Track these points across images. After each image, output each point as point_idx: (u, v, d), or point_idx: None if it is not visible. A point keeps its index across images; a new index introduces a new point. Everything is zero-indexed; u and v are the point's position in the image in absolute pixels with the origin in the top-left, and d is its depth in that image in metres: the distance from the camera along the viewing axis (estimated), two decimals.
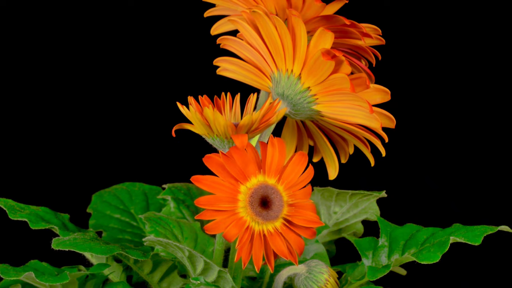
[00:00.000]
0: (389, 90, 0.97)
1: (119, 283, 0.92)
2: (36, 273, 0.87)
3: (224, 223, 0.85)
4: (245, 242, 0.86)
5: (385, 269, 0.97)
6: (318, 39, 0.93)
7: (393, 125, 0.98)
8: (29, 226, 0.93)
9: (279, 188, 0.89)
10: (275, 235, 0.88)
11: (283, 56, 0.95)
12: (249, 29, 0.95)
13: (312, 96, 0.95)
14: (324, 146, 1.01)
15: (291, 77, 0.95)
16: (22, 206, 0.97)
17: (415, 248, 1.00)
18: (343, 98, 0.93)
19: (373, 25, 1.01)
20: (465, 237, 0.96)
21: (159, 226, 0.94)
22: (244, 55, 0.97)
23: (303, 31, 0.93)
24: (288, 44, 0.94)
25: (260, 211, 0.88)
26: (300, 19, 0.92)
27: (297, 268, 0.97)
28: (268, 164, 0.89)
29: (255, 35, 0.95)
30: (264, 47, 0.96)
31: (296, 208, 0.90)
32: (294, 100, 0.96)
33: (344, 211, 1.11)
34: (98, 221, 1.11)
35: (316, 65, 0.93)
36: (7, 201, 0.96)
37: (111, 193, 1.15)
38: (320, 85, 0.94)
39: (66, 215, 1.01)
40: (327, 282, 0.97)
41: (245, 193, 0.87)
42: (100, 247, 0.87)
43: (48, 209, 1.00)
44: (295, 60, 0.95)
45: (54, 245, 0.87)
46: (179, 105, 0.90)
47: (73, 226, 1.00)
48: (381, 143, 0.97)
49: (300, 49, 0.94)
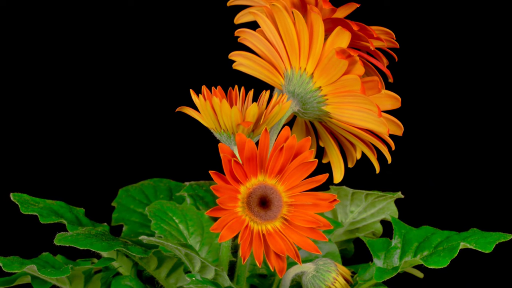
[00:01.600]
0: (399, 97, 0.96)
1: (126, 277, 0.94)
2: (38, 266, 0.89)
3: (224, 222, 0.86)
4: (245, 241, 0.86)
5: (393, 271, 0.96)
6: (335, 38, 0.92)
7: (400, 132, 0.97)
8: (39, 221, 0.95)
9: (279, 189, 0.89)
10: (274, 234, 0.88)
11: (298, 53, 0.95)
12: (268, 23, 0.95)
13: (323, 96, 0.95)
14: (331, 149, 1.01)
15: (303, 75, 0.95)
16: (37, 200, 0.99)
17: (428, 251, 0.99)
18: (353, 100, 0.93)
19: (385, 28, 1.00)
20: (477, 244, 0.95)
21: (164, 222, 0.96)
22: (260, 50, 0.97)
23: (321, 28, 0.92)
24: (305, 41, 0.94)
25: (259, 211, 0.88)
26: (319, 16, 0.91)
27: (304, 266, 0.97)
28: (271, 164, 0.89)
29: (273, 30, 0.95)
30: (281, 43, 0.95)
31: (297, 209, 0.90)
32: (304, 98, 0.96)
33: (360, 210, 1.10)
34: (120, 214, 1.14)
35: (330, 64, 0.92)
36: (22, 195, 0.98)
37: (137, 188, 1.17)
38: (332, 86, 0.94)
39: (81, 209, 1.02)
40: (334, 281, 0.96)
41: (244, 192, 0.88)
42: (101, 243, 0.88)
43: (64, 203, 1.01)
44: (310, 58, 0.94)
45: (56, 241, 0.88)
46: (192, 93, 0.91)
47: (87, 220, 1.01)
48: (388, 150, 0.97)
49: (316, 47, 0.94)
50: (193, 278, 0.85)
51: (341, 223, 1.11)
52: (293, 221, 0.90)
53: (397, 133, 0.97)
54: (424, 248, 1.00)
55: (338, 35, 0.92)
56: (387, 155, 0.97)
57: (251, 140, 0.88)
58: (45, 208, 0.97)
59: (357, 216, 1.11)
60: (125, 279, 0.93)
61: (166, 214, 0.98)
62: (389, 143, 0.96)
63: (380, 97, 0.96)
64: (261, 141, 0.89)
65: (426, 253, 0.99)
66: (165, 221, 0.97)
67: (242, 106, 0.94)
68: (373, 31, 0.96)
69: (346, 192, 1.09)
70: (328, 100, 0.95)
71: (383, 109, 0.96)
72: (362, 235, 1.12)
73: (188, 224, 0.98)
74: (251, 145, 0.88)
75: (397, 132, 0.97)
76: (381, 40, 0.98)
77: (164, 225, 0.96)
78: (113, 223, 1.13)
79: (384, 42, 0.98)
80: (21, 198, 0.97)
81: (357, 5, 0.97)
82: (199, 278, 0.86)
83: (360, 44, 0.98)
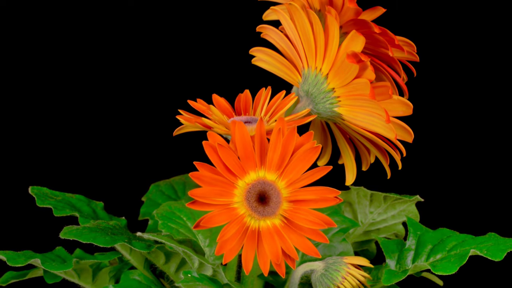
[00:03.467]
0: (411, 105, 0.96)
1: (135, 271, 0.95)
2: (43, 260, 0.92)
3: (219, 217, 0.85)
4: (234, 236, 0.85)
5: (402, 274, 0.95)
6: (349, 41, 0.93)
7: (410, 139, 0.97)
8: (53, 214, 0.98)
9: (279, 184, 0.88)
10: (270, 233, 0.87)
11: (315, 53, 0.95)
12: (289, 22, 0.96)
13: (335, 98, 0.95)
14: (344, 150, 1.01)
15: (318, 75, 0.95)
16: (57, 193, 1.02)
17: (441, 254, 0.98)
18: (364, 104, 0.93)
19: (408, 40, 1.00)
20: (488, 251, 0.93)
21: (171, 221, 0.97)
22: (281, 47, 0.98)
23: (336, 31, 0.93)
24: (321, 42, 0.94)
25: (257, 207, 0.87)
26: (334, 19, 0.92)
27: (314, 264, 0.96)
28: (269, 158, 0.88)
29: (293, 28, 0.96)
30: (299, 42, 0.96)
31: (298, 207, 0.89)
32: (317, 99, 0.96)
33: (380, 211, 1.10)
34: (148, 209, 1.16)
35: (342, 67, 0.93)
36: (41, 189, 1.01)
37: (168, 184, 1.18)
38: (344, 88, 0.94)
39: (100, 203, 1.05)
40: (343, 280, 0.95)
41: (243, 187, 0.87)
42: (104, 238, 0.90)
43: (83, 197, 1.04)
44: (325, 59, 0.95)
45: (62, 234, 0.90)
46: (179, 118, 0.91)
47: (105, 213, 1.03)
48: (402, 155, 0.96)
49: (331, 49, 0.94)
50: (188, 275, 0.86)
51: (361, 223, 1.10)
52: (293, 219, 0.88)
53: (407, 140, 0.97)
54: (437, 251, 0.98)
55: (353, 39, 0.93)
56: (398, 161, 0.97)
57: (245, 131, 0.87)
58: (62, 201, 1.00)
59: (377, 217, 1.10)
60: (134, 273, 0.95)
61: (173, 214, 0.99)
62: (400, 149, 0.96)
63: (392, 103, 0.96)
64: (257, 133, 0.88)
65: (439, 256, 0.98)
66: (173, 220, 0.97)
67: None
68: (395, 38, 0.96)
69: (365, 193, 1.09)
70: (340, 102, 0.95)
71: (395, 115, 0.96)
72: (383, 236, 1.11)
73: (196, 220, 0.99)
74: (248, 138, 0.87)
75: (407, 139, 0.97)
76: (402, 50, 0.97)
77: (171, 223, 0.97)
78: (140, 218, 1.15)
79: (405, 52, 0.98)
80: (40, 191, 1.00)
81: (383, 9, 0.97)
82: (196, 275, 0.86)
83: (381, 51, 0.98)
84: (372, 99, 0.92)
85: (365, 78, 0.93)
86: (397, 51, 0.98)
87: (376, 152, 0.99)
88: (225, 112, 0.95)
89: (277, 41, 0.99)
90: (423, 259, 0.99)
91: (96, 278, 0.98)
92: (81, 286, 0.98)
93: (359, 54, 0.92)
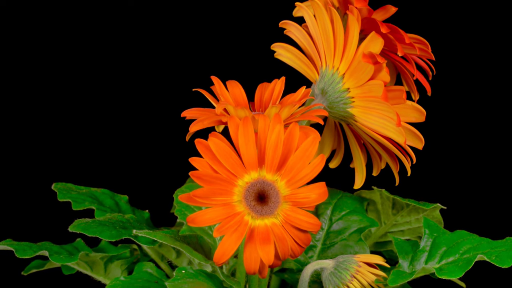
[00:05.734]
0: (425, 112, 0.96)
1: (148, 263, 0.97)
2: (50, 252, 0.94)
3: (216, 215, 0.86)
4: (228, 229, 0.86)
5: (408, 275, 0.94)
6: (368, 42, 0.93)
7: (421, 146, 0.96)
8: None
9: (278, 184, 0.88)
10: (266, 232, 0.87)
11: (333, 51, 0.96)
12: (312, 18, 0.97)
13: (350, 98, 0.95)
14: (355, 153, 1.01)
15: (335, 74, 0.96)
16: (82, 187, 1.06)
17: (454, 257, 0.96)
18: (377, 106, 0.94)
19: (420, 37, 0.99)
20: (498, 257, 0.91)
21: (188, 209, 0.98)
22: (302, 44, 1.00)
23: (356, 31, 0.94)
24: (340, 42, 0.95)
25: (255, 206, 0.88)
26: (356, 20, 0.92)
27: (324, 262, 0.96)
28: (269, 156, 0.88)
29: (315, 26, 0.97)
30: (320, 40, 0.97)
31: (294, 207, 0.89)
32: (331, 97, 0.97)
33: (404, 214, 1.08)
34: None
35: (358, 67, 0.93)
36: (66, 184, 1.04)
37: None
38: (359, 89, 0.95)
39: (124, 197, 1.07)
40: (352, 279, 0.95)
41: (242, 186, 0.87)
42: (110, 232, 0.92)
43: (107, 190, 1.06)
44: (343, 59, 0.96)
45: (71, 227, 0.93)
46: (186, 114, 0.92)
47: (127, 207, 1.05)
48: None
49: (350, 49, 0.95)
50: (182, 271, 0.86)
51: (383, 223, 1.10)
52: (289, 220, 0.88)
53: (417, 146, 0.96)
54: (450, 254, 0.97)
55: (372, 40, 0.93)
56: (408, 168, 0.97)
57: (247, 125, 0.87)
58: (85, 194, 1.03)
59: (400, 219, 1.09)
60: (146, 266, 0.97)
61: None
62: (410, 155, 0.95)
63: (406, 108, 0.96)
64: (260, 129, 0.88)
65: (452, 259, 0.96)
66: (190, 208, 0.99)
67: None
68: (406, 36, 0.95)
69: (388, 195, 1.08)
70: (354, 103, 0.95)
71: (407, 121, 0.96)
72: (406, 238, 1.10)
73: None
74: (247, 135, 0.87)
75: (417, 145, 0.96)
76: (414, 48, 0.96)
77: (188, 212, 0.98)
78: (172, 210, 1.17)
79: (417, 51, 0.96)
80: (64, 186, 1.04)
81: (394, 8, 0.97)
82: (191, 271, 0.87)
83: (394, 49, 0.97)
84: (385, 102, 0.92)
85: (379, 79, 0.92)
86: (409, 49, 0.97)
87: (386, 157, 0.99)
88: (239, 101, 0.95)
89: (298, 38, 1.00)
90: (436, 261, 0.97)
91: (108, 271, 1.01)
92: (94, 278, 1.02)
93: (376, 55, 0.92)
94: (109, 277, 1.01)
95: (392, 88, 0.95)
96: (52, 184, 1.04)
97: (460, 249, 0.96)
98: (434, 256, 0.97)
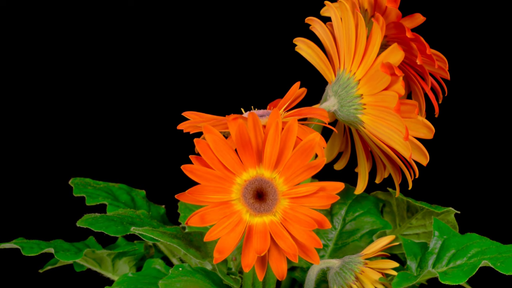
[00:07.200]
0: (434, 129, 0.96)
1: (157, 260, 0.98)
2: (56, 250, 0.96)
3: (216, 214, 0.87)
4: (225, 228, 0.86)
5: (413, 278, 0.93)
6: (389, 53, 0.94)
7: (425, 162, 0.96)
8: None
9: (277, 182, 0.88)
10: (264, 229, 0.87)
11: (353, 56, 0.96)
12: (338, 19, 0.97)
13: (361, 105, 0.96)
14: (361, 159, 1.01)
15: (351, 79, 0.96)
16: (100, 182, 1.07)
17: (461, 261, 0.95)
18: (387, 117, 0.94)
19: (441, 55, 0.98)
20: (502, 263, 0.90)
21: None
22: (325, 42, 1.00)
23: (378, 39, 0.94)
24: (361, 47, 0.95)
25: (253, 203, 0.88)
26: (380, 28, 0.92)
27: (330, 262, 0.97)
28: (267, 154, 0.88)
29: (340, 27, 0.97)
30: (343, 42, 0.97)
31: (295, 206, 0.88)
32: (343, 101, 0.97)
33: (418, 217, 1.07)
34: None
35: (375, 75, 0.93)
36: (83, 179, 1.06)
37: None
38: (373, 97, 0.95)
39: (142, 192, 1.08)
40: (356, 280, 0.94)
41: (240, 184, 0.88)
42: (116, 227, 0.93)
43: (125, 185, 1.07)
44: (361, 65, 0.96)
45: (78, 222, 0.94)
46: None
47: (143, 202, 1.06)
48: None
49: (370, 56, 0.95)
50: (179, 269, 0.87)
51: (398, 226, 1.08)
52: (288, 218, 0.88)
53: (422, 162, 0.96)
54: (458, 257, 0.96)
55: (393, 51, 0.93)
56: (410, 182, 0.97)
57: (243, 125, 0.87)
58: (102, 189, 1.04)
59: (414, 222, 1.08)
60: (155, 262, 0.98)
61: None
62: (414, 170, 0.96)
63: (415, 123, 0.96)
64: (265, 127, 0.88)
65: (459, 263, 0.95)
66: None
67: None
68: (428, 47, 0.94)
69: (402, 198, 1.07)
70: (365, 110, 0.95)
71: (415, 136, 0.96)
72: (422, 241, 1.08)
73: None
74: (245, 134, 0.87)
75: (422, 161, 0.96)
76: (433, 62, 0.96)
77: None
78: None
79: (435, 66, 0.96)
80: (82, 181, 1.05)
81: (423, 18, 0.97)
82: (189, 268, 0.87)
83: (412, 58, 0.97)
84: (397, 114, 0.92)
85: (394, 91, 0.92)
86: (428, 62, 0.97)
87: (389, 167, 0.99)
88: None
89: (322, 36, 1.00)
90: (444, 263, 0.96)
91: (116, 267, 1.02)
92: (104, 274, 1.04)
93: (394, 67, 0.92)
94: (118, 274, 1.02)
95: (406, 101, 0.95)
96: (70, 179, 1.06)
97: (468, 253, 0.95)
98: (442, 259, 0.96)
